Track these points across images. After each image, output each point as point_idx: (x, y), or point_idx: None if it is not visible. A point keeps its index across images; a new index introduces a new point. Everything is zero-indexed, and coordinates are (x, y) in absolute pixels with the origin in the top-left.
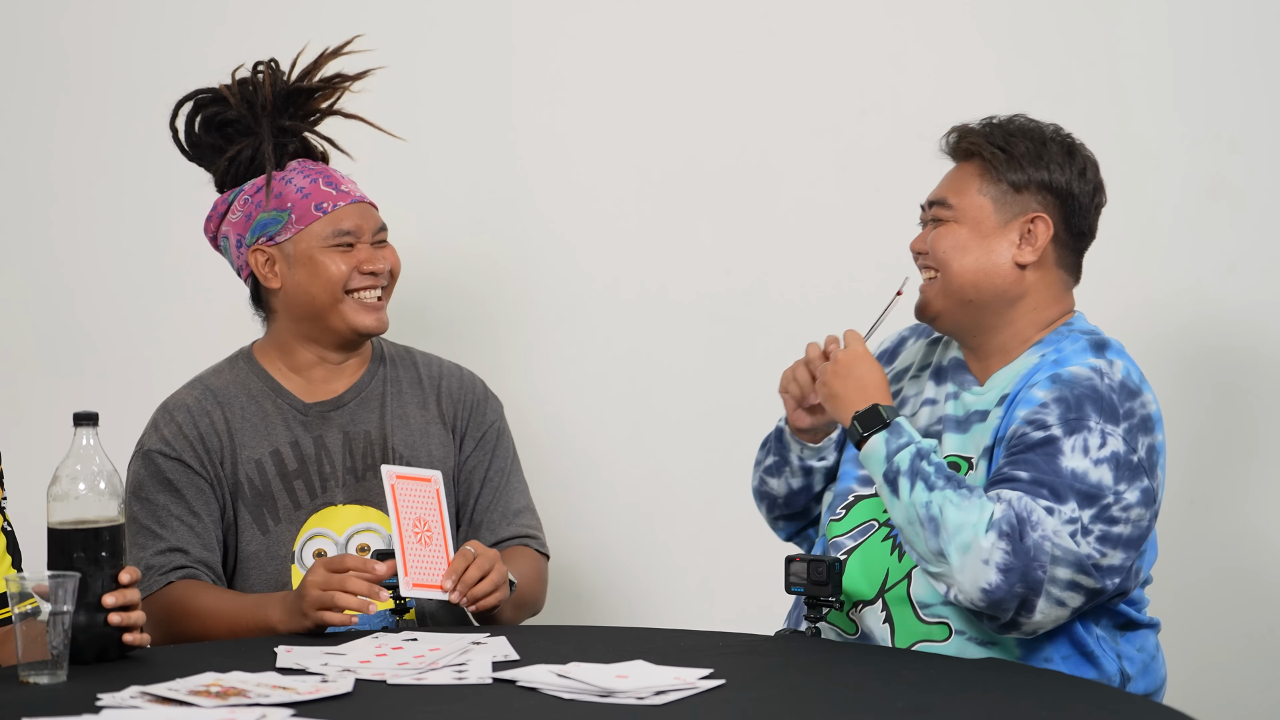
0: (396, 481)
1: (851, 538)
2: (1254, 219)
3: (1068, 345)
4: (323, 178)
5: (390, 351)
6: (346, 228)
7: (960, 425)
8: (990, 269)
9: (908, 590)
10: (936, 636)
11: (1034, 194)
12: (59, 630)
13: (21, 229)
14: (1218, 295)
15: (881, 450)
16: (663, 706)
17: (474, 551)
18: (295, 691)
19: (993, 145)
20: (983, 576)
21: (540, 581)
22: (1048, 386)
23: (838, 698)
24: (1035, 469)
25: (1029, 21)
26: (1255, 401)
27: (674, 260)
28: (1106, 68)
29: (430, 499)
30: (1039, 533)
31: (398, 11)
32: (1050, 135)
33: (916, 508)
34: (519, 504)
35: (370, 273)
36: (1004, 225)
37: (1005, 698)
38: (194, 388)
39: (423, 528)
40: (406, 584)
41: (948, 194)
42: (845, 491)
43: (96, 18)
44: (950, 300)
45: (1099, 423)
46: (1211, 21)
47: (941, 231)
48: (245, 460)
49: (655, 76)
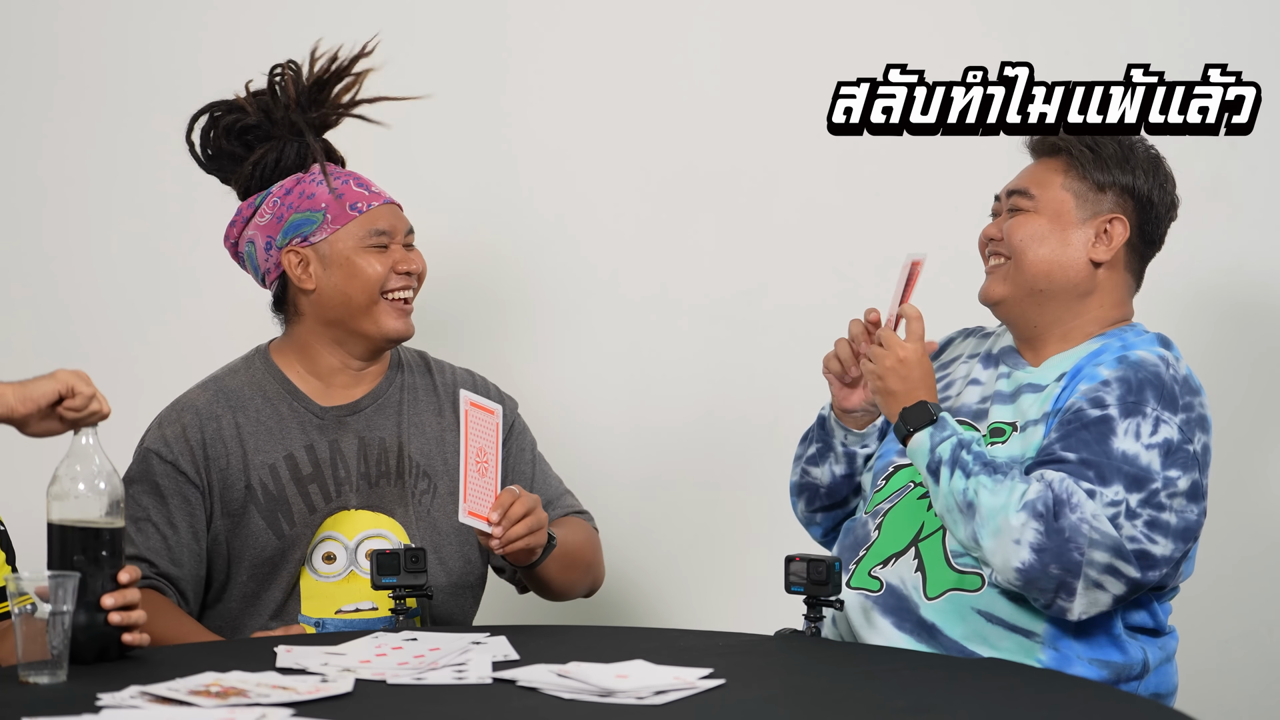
0: (470, 408)
1: (889, 501)
2: (1254, 219)
3: (1133, 337)
4: (353, 179)
5: (407, 358)
6: (382, 227)
7: (1009, 398)
8: (1065, 261)
9: (942, 540)
10: (968, 586)
11: (1116, 196)
12: (59, 630)
13: (21, 228)
14: (1218, 295)
15: (926, 444)
16: (663, 706)
17: (519, 491)
18: (295, 691)
19: (1081, 144)
20: (1015, 556)
21: (593, 547)
22: (1113, 365)
23: (838, 698)
24: (1085, 448)
25: (1028, 21)
26: (1255, 401)
27: (674, 261)
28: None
29: (492, 431)
30: (1077, 515)
31: (397, 11)
32: (1136, 143)
33: (954, 495)
34: (555, 490)
35: (405, 272)
36: (1083, 222)
37: (1005, 698)
38: (207, 388)
39: (483, 458)
40: (463, 511)
41: (1030, 185)
42: (885, 466)
43: (96, 17)
44: (1019, 288)
45: (1155, 409)
46: (1211, 21)
47: (1020, 220)
48: (258, 465)
49: (654, 78)
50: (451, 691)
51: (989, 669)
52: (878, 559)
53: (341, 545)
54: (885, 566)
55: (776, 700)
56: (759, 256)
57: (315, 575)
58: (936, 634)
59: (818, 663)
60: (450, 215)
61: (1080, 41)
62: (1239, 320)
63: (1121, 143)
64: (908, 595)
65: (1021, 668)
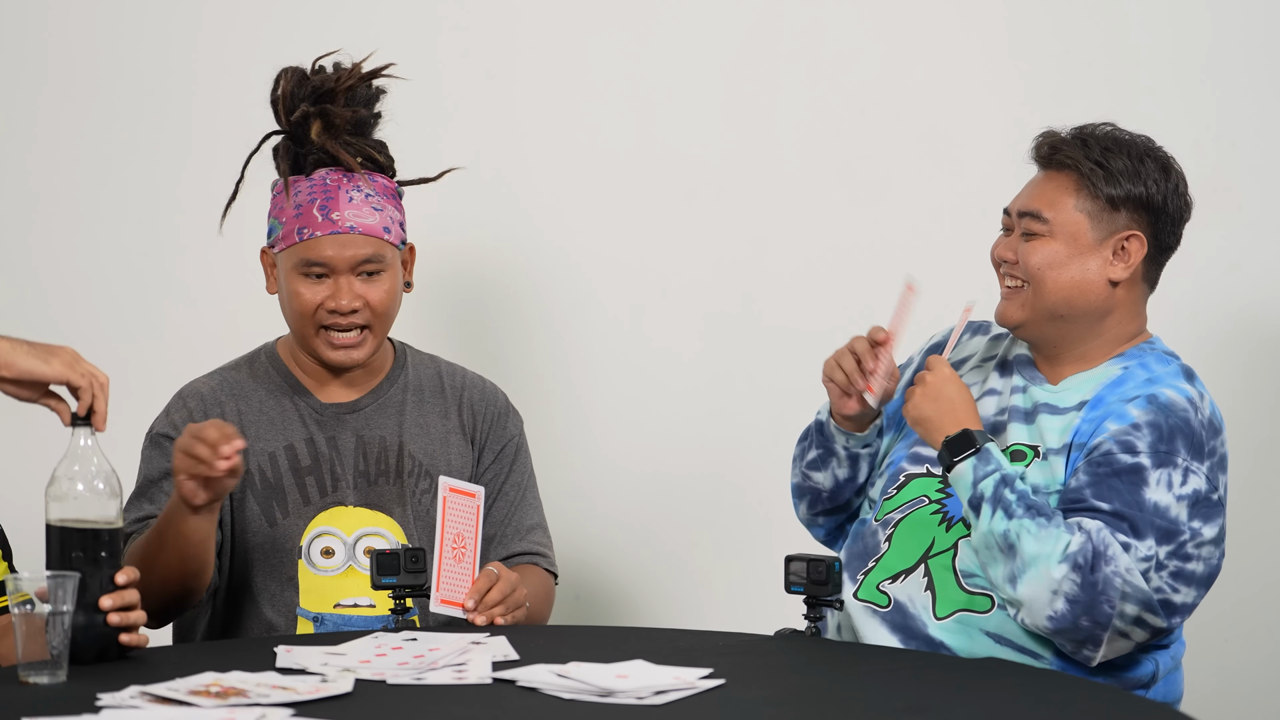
0: (449, 494)
1: (900, 511)
2: (1254, 219)
3: (1157, 365)
4: (321, 199)
5: (414, 359)
6: (315, 258)
7: (1027, 416)
8: (1084, 285)
9: (953, 560)
10: (978, 607)
11: (1130, 210)
12: (58, 630)
13: (21, 227)
14: (1218, 295)
15: (969, 476)
16: (663, 706)
17: (497, 573)
18: (295, 691)
19: (1090, 161)
20: (1050, 605)
21: (547, 601)
22: (1144, 406)
23: (838, 698)
24: (1118, 498)
25: (1027, 21)
26: (1254, 402)
27: (675, 262)
28: (1106, 66)
29: (471, 515)
30: (1111, 568)
31: (398, 12)
32: (1145, 149)
33: (995, 534)
34: (532, 521)
35: (334, 310)
36: (1099, 243)
37: (1005, 698)
38: (213, 377)
39: (459, 543)
40: (436, 599)
41: (1042, 206)
42: (896, 473)
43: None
44: (1039, 314)
45: (1186, 459)
46: (1210, 21)
47: (1035, 245)
48: (258, 452)
49: (655, 78)
50: (451, 691)
51: (989, 669)
52: (886, 573)
53: (340, 540)
54: (894, 582)
55: (776, 700)
56: (761, 259)
57: (313, 569)
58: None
59: (818, 663)
60: (450, 215)
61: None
62: (1239, 320)
63: (1131, 152)
64: (916, 615)
65: (1021, 668)
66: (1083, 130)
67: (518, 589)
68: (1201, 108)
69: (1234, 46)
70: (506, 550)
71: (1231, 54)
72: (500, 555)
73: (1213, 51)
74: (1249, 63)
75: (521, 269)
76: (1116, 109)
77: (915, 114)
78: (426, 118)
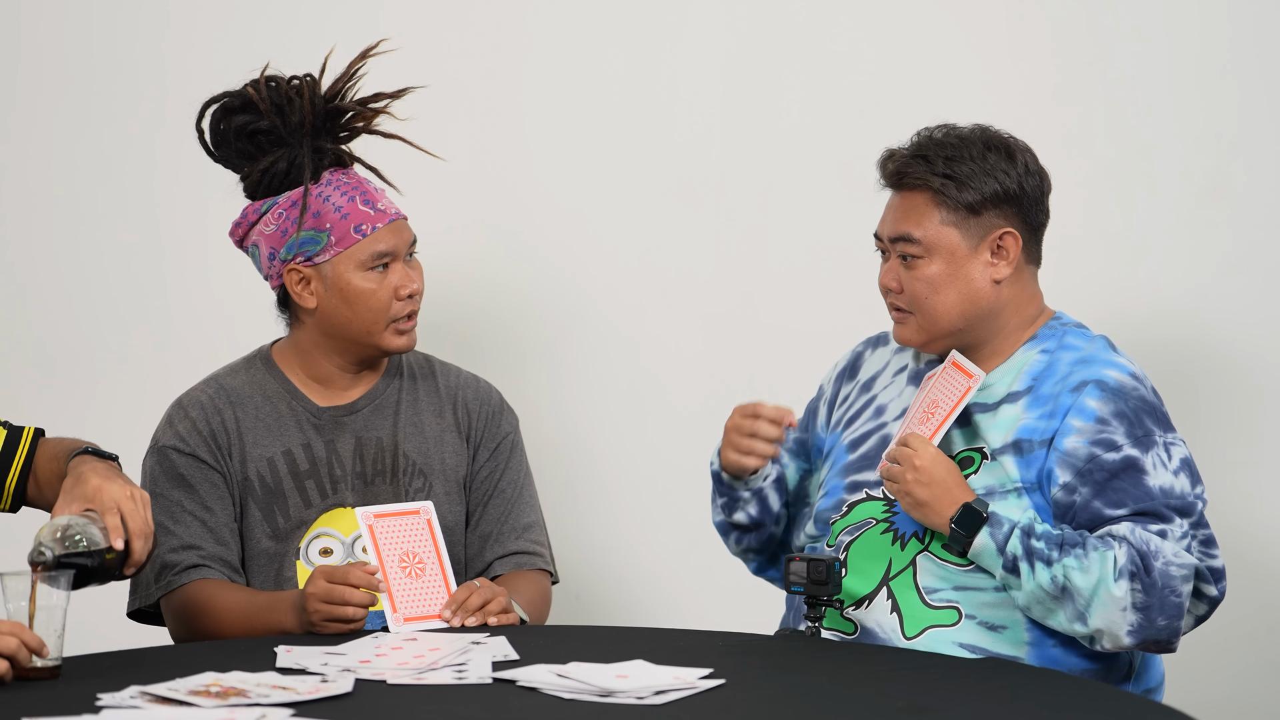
0: (374, 521)
1: (850, 533)
2: (1254, 219)
3: (1078, 341)
4: (360, 195)
5: (409, 360)
6: (384, 249)
7: (960, 421)
8: (972, 295)
9: (914, 578)
10: (945, 621)
11: (992, 208)
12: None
13: (21, 228)
14: (1218, 295)
15: (991, 546)
16: (663, 706)
17: (477, 584)
18: (295, 691)
19: (938, 175)
20: (1124, 621)
21: (544, 605)
22: (1098, 396)
23: (838, 698)
24: (1129, 497)
25: (1025, 21)
26: (1255, 401)
27: (675, 261)
28: (1104, 66)
29: (421, 530)
30: (1161, 561)
31: (398, 11)
32: (984, 142)
33: (1044, 587)
34: (528, 519)
35: (408, 296)
36: (975, 249)
37: (1005, 698)
38: (209, 385)
39: (412, 560)
40: (396, 619)
41: (910, 227)
42: (839, 503)
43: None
44: (935, 334)
45: (1161, 434)
46: (1210, 21)
47: (916, 272)
48: (256, 458)
49: (654, 79)
50: (451, 691)
51: (989, 669)
52: (849, 599)
53: (338, 540)
54: (859, 609)
55: (776, 700)
56: (760, 262)
57: (311, 569)
58: None
59: (818, 663)
60: (450, 214)
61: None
62: (1239, 320)
63: (972, 152)
64: (886, 639)
65: (1021, 667)
66: (920, 144)
67: (499, 595)
68: (1202, 108)
69: (1234, 47)
70: (503, 549)
71: (1232, 54)
72: (496, 554)
73: (1213, 52)
74: (1249, 63)
75: (521, 268)
76: (1115, 109)
77: (915, 114)
78: (426, 118)
